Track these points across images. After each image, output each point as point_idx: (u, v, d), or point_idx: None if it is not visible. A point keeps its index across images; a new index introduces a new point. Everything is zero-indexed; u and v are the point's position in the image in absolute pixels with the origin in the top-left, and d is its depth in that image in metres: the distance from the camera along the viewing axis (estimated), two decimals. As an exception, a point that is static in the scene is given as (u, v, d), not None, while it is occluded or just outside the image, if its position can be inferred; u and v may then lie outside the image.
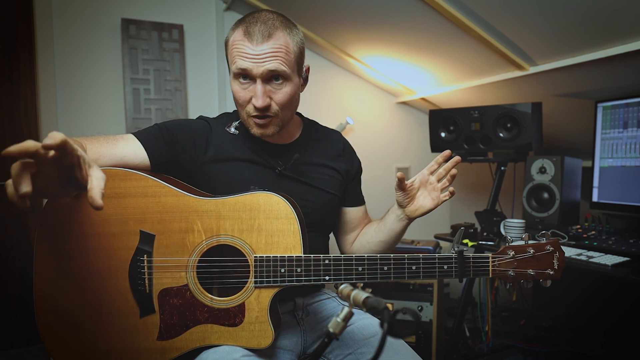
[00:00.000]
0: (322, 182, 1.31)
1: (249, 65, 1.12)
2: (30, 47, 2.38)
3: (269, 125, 1.20)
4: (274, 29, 1.14)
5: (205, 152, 1.24)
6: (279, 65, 1.13)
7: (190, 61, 2.70)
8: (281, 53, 1.14)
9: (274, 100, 1.17)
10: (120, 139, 1.16)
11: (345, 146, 1.42)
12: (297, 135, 1.35)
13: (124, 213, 1.08)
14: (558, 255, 1.12)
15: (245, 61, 1.13)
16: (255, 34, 1.12)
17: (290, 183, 1.26)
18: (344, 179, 1.37)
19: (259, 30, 1.12)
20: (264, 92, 1.15)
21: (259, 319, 1.06)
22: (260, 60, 1.12)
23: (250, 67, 1.13)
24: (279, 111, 1.18)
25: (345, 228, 1.44)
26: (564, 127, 2.46)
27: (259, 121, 1.18)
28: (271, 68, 1.13)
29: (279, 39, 1.14)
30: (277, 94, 1.17)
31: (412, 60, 2.57)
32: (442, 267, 1.10)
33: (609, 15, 1.63)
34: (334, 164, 1.35)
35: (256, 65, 1.12)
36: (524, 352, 2.36)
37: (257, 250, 1.07)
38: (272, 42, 1.13)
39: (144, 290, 1.08)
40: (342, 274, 1.07)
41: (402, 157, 3.29)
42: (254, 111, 1.17)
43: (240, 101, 1.19)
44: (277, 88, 1.16)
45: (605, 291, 2.15)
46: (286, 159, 1.27)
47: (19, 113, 2.39)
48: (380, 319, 0.66)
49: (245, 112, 1.19)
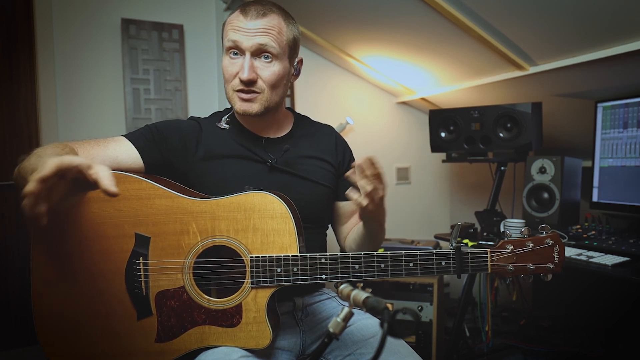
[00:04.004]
0: (315, 174, 1.31)
1: (240, 37, 1.16)
2: (30, 47, 2.39)
3: (254, 100, 1.20)
4: (270, 11, 1.19)
5: (196, 151, 1.24)
6: (270, 42, 1.17)
7: (190, 61, 2.70)
8: (273, 31, 1.18)
9: (261, 76, 1.19)
10: (111, 141, 1.17)
11: (338, 140, 1.42)
12: (288, 129, 1.36)
13: (119, 216, 1.08)
14: (558, 249, 1.10)
15: (236, 33, 1.17)
16: (250, 11, 1.18)
17: (282, 176, 1.26)
18: (337, 172, 1.37)
19: (255, 8, 1.18)
20: (251, 65, 1.17)
21: (256, 319, 1.06)
22: (251, 34, 1.16)
23: (240, 40, 1.16)
24: (265, 89, 1.20)
25: (339, 222, 1.43)
26: (564, 127, 2.45)
27: (243, 95, 1.20)
28: (261, 42, 1.16)
29: (273, 19, 1.19)
30: (265, 70, 1.19)
31: (412, 60, 2.56)
32: (440, 264, 1.08)
33: (609, 15, 1.62)
34: (326, 156, 1.36)
35: (247, 38, 1.16)
36: (524, 352, 2.36)
37: (253, 250, 1.07)
38: (266, 20, 1.17)
39: (140, 292, 1.08)
40: (339, 273, 1.07)
41: (402, 157, 3.29)
42: (239, 85, 1.19)
43: (227, 75, 1.21)
44: (266, 65, 1.19)
45: (605, 291, 2.15)
46: (277, 153, 1.27)
47: (19, 113, 2.39)
48: (380, 319, 0.66)
49: (231, 87, 1.21)
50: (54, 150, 1.02)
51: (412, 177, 3.33)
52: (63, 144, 1.09)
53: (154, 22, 2.58)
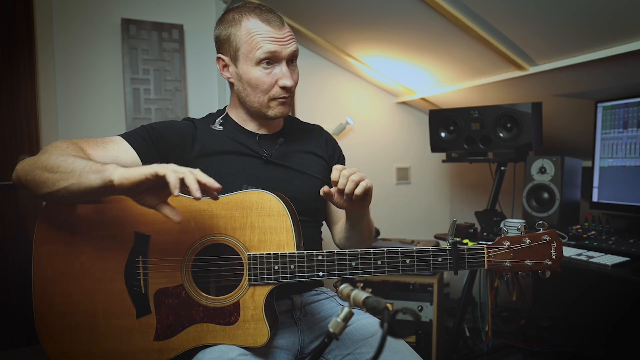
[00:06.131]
0: (309, 167, 1.34)
1: (278, 47, 1.21)
2: (30, 47, 2.39)
3: (288, 103, 1.29)
4: (280, 17, 1.26)
5: (191, 149, 1.26)
6: (297, 47, 1.26)
7: (190, 61, 2.70)
8: (294, 36, 1.26)
9: (294, 80, 1.27)
10: (109, 142, 1.18)
11: (327, 137, 1.47)
12: (280, 127, 1.39)
13: (119, 215, 1.09)
14: (556, 245, 1.10)
15: (273, 44, 1.20)
16: (273, 20, 1.22)
17: (278, 169, 1.29)
18: (328, 165, 1.39)
19: (273, 17, 1.23)
20: (291, 72, 1.25)
21: (254, 317, 1.06)
22: (285, 43, 1.22)
23: (279, 50, 1.21)
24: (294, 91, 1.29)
25: (332, 218, 1.45)
26: (564, 127, 2.45)
27: (284, 100, 1.26)
28: (294, 49, 1.24)
29: (287, 25, 1.25)
30: (294, 74, 1.27)
31: (412, 60, 2.56)
32: (437, 260, 1.09)
33: (609, 15, 1.62)
34: (318, 151, 1.40)
35: (283, 48, 1.22)
36: (524, 352, 2.36)
37: (251, 248, 1.08)
38: (286, 26, 1.25)
39: (139, 290, 1.08)
40: (336, 270, 1.07)
41: (402, 157, 3.29)
42: (281, 93, 1.25)
43: (266, 86, 1.24)
44: (294, 69, 1.28)
45: (605, 291, 2.14)
46: (272, 148, 1.31)
47: (19, 113, 2.39)
48: (380, 319, 0.66)
49: (269, 97, 1.25)
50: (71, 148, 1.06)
51: (412, 177, 3.32)
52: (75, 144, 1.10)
53: (154, 22, 2.58)
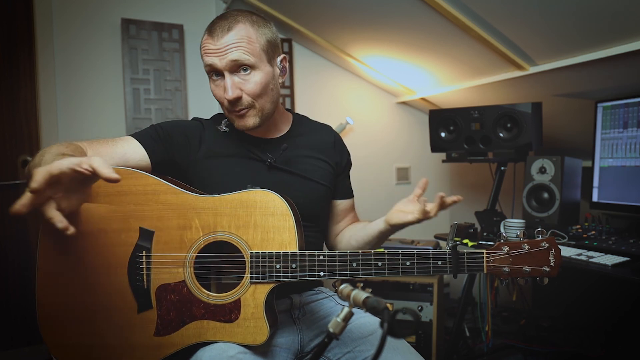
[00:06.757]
0: (313, 173, 1.32)
1: (213, 59, 1.16)
2: (30, 47, 2.39)
3: (247, 116, 1.22)
4: (235, 22, 1.17)
5: (198, 149, 1.27)
6: (241, 55, 1.16)
7: (190, 61, 2.71)
8: (243, 43, 1.16)
9: (245, 91, 1.19)
10: (119, 140, 1.19)
11: (336, 139, 1.43)
12: (286, 129, 1.37)
13: (125, 210, 1.09)
14: (554, 252, 1.11)
15: (210, 57, 1.17)
16: (216, 30, 1.17)
17: (281, 174, 1.28)
18: (335, 171, 1.38)
19: (219, 26, 1.17)
20: (233, 84, 1.17)
21: (254, 315, 1.07)
22: (222, 53, 1.16)
23: (214, 62, 1.16)
24: (253, 101, 1.21)
25: (332, 220, 1.44)
26: (564, 127, 2.45)
27: (239, 113, 1.21)
28: (233, 58, 1.15)
29: (240, 31, 1.17)
30: (247, 84, 1.19)
31: (412, 60, 2.57)
32: (437, 263, 1.10)
33: (609, 15, 1.62)
34: (324, 156, 1.36)
35: (219, 58, 1.16)
36: (524, 352, 2.36)
37: (253, 246, 1.08)
38: (233, 33, 1.16)
39: (142, 285, 1.09)
40: (337, 270, 1.08)
41: (402, 157, 3.29)
42: (228, 105, 1.20)
43: (218, 98, 1.22)
44: (246, 78, 1.19)
45: (605, 291, 2.14)
46: (276, 152, 1.29)
47: (19, 113, 2.39)
48: (381, 319, 0.66)
49: (227, 110, 1.23)
50: (58, 149, 1.02)
51: (412, 177, 3.33)
52: (72, 144, 1.09)
53: (154, 22, 2.58)
